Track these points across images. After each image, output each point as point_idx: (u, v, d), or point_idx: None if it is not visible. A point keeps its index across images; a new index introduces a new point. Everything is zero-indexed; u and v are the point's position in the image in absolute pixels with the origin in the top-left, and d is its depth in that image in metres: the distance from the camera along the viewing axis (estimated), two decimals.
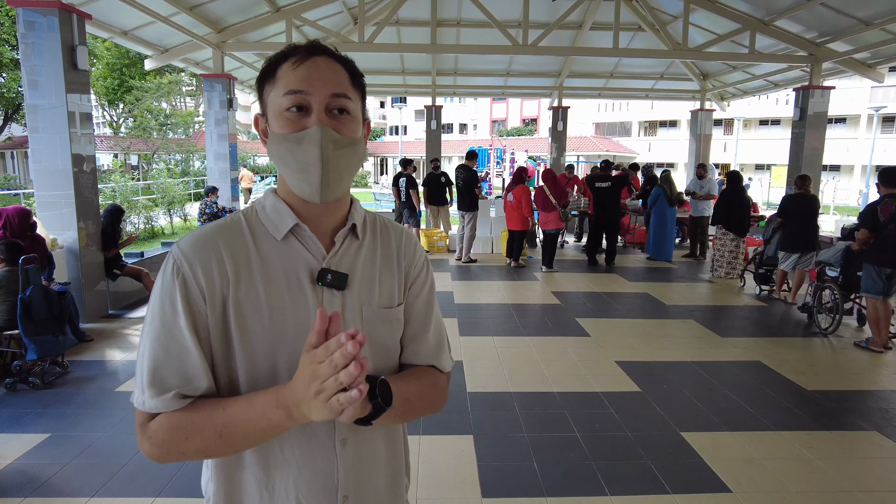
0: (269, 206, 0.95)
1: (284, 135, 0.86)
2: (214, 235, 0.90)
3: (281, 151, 0.88)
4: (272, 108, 0.89)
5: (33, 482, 2.84)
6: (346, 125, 0.89)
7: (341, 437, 0.91)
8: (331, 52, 0.91)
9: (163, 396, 0.83)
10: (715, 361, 4.75)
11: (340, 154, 0.87)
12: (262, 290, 0.88)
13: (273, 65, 0.90)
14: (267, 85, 0.90)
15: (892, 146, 28.85)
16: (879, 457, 3.23)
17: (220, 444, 0.82)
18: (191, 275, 0.86)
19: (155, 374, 0.84)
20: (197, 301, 0.86)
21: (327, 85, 0.87)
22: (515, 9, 9.29)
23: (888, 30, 7.49)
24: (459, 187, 9.35)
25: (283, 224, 0.92)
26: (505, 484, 2.88)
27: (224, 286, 0.87)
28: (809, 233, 6.54)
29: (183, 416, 0.83)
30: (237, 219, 0.94)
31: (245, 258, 0.89)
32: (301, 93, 0.86)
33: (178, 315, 0.85)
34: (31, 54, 5.08)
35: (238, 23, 8.44)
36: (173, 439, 0.83)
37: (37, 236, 4.83)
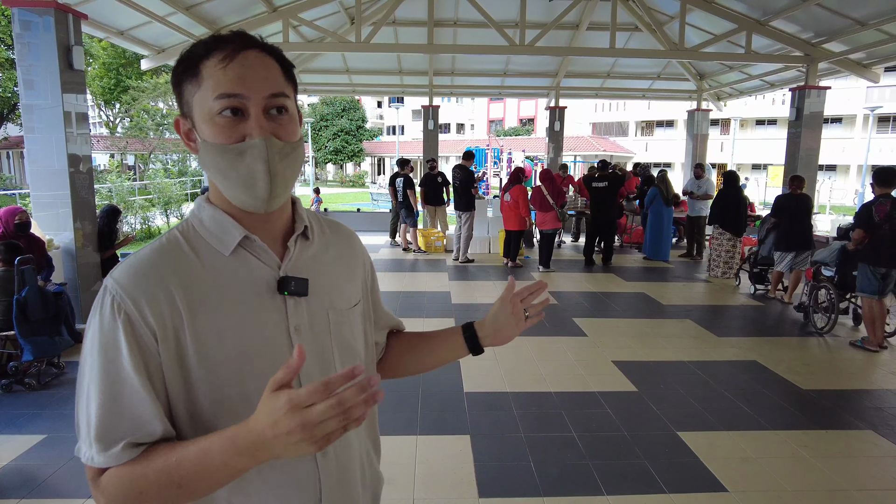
0: (208, 219, 0.86)
1: (222, 146, 0.78)
2: (156, 262, 0.80)
3: (219, 163, 0.79)
4: (200, 111, 0.80)
5: (30, 483, 2.83)
6: (285, 126, 0.82)
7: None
8: (261, 43, 0.82)
9: (111, 451, 0.74)
10: (711, 361, 4.76)
11: (286, 163, 0.81)
12: (221, 314, 0.81)
13: (193, 61, 0.80)
14: (189, 84, 0.80)
15: (888, 146, 28.97)
16: (875, 455, 3.24)
17: (181, 495, 0.74)
18: (136, 313, 0.77)
19: (101, 426, 0.75)
20: (145, 340, 0.77)
21: (264, 85, 0.79)
22: (512, 9, 9.29)
23: (884, 30, 7.52)
24: (456, 187, 9.36)
25: (229, 238, 0.84)
26: (502, 484, 2.88)
27: (176, 319, 0.78)
28: (804, 232, 6.57)
29: (134, 470, 0.74)
30: (174, 239, 0.84)
31: (195, 283, 0.81)
32: (236, 96, 0.78)
33: (121, 357, 0.75)
34: (27, 54, 5.06)
35: (234, 23, 8.42)
36: (128, 495, 0.74)
37: (34, 237, 4.81)
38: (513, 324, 1.09)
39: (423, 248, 10.11)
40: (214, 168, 0.80)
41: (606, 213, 9.18)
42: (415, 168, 13.68)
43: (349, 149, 37.98)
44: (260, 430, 0.67)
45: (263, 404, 0.68)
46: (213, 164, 0.80)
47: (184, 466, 0.73)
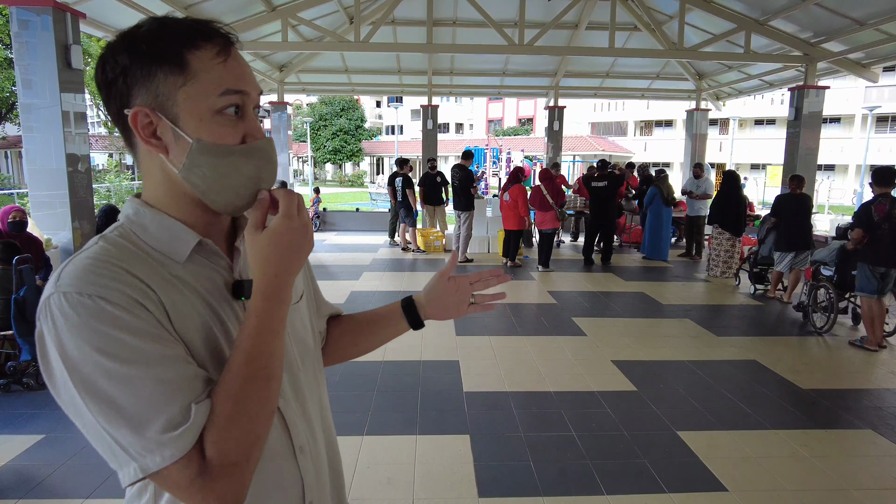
0: (154, 225, 0.77)
1: (228, 147, 0.73)
2: (107, 258, 0.71)
3: (219, 164, 0.73)
4: (191, 107, 0.72)
5: (27, 483, 2.82)
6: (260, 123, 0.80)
7: (298, 445, 0.84)
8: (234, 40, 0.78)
9: (191, 418, 0.66)
10: (711, 360, 4.76)
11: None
12: (199, 311, 0.75)
13: (174, 47, 0.72)
14: (168, 74, 0.72)
15: (887, 146, 29.02)
16: (874, 455, 3.24)
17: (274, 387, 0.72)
18: (119, 296, 0.67)
19: (158, 411, 0.65)
20: (143, 314, 0.68)
21: (256, 83, 0.78)
22: (511, 8, 9.30)
23: (882, 30, 7.52)
24: (455, 187, 9.36)
25: (182, 244, 0.77)
26: (501, 483, 2.88)
27: (156, 298, 0.71)
28: (803, 232, 6.57)
29: (223, 406, 0.68)
30: (118, 243, 0.74)
31: (162, 280, 0.73)
32: (241, 93, 0.74)
33: (138, 336, 0.66)
34: (25, 53, 5.05)
35: (233, 22, 8.41)
36: (242, 434, 0.69)
37: (33, 237, 4.80)
38: (453, 305, 1.10)
39: (422, 247, 10.11)
40: (210, 169, 0.73)
41: (606, 212, 9.18)
42: (414, 168, 13.68)
43: (348, 148, 37.97)
44: (277, 261, 0.73)
45: (259, 244, 0.73)
46: (210, 166, 0.73)
47: (260, 357, 0.71)
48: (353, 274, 8.10)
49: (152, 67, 0.72)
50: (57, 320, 0.65)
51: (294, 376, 0.87)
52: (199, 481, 0.66)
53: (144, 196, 0.80)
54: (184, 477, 0.66)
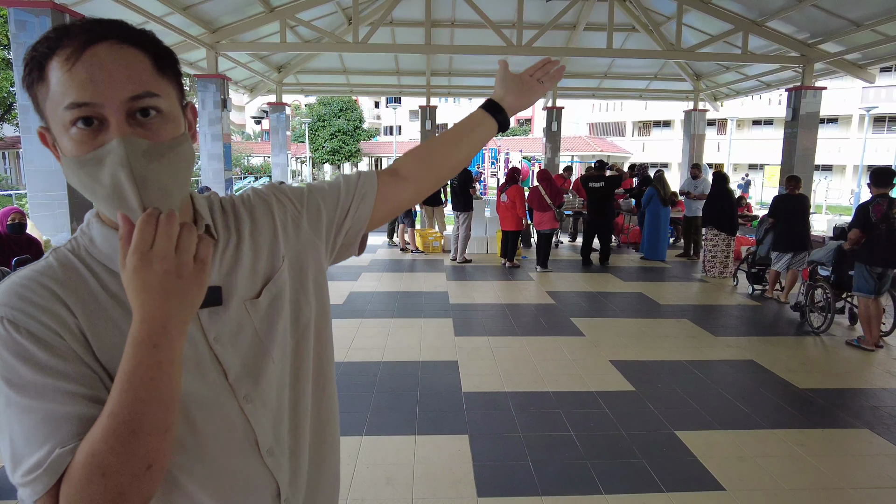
0: (99, 238, 0.75)
1: (78, 158, 0.66)
2: (41, 278, 0.70)
3: (81, 177, 0.67)
4: (53, 121, 0.67)
5: None
6: (158, 129, 0.68)
7: (266, 449, 0.81)
8: (117, 31, 0.67)
9: (48, 462, 0.63)
10: (708, 360, 4.77)
11: (159, 167, 0.67)
12: (121, 329, 0.70)
13: (37, 60, 0.67)
14: (38, 89, 0.67)
15: (884, 146, 29.10)
16: (870, 454, 3.26)
17: (139, 443, 0.63)
18: (34, 324, 0.66)
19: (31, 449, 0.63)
20: (55, 343, 0.67)
21: (121, 87, 0.65)
22: (509, 9, 9.31)
23: (879, 31, 7.56)
24: (454, 187, 9.36)
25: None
26: (500, 483, 2.89)
27: (76, 325, 0.69)
28: (801, 232, 6.59)
29: (79, 460, 0.63)
30: (64, 257, 0.74)
31: (92, 298, 0.71)
32: (87, 105, 0.65)
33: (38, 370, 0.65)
34: (24, 54, 5.06)
35: (232, 23, 8.42)
36: (94, 491, 0.62)
37: (31, 238, 4.79)
38: (527, 89, 1.13)
39: (420, 248, 10.12)
40: (79, 184, 0.68)
41: (603, 213, 9.20)
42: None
43: (346, 149, 37.94)
44: (139, 307, 0.64)
45: (124, 285, 0.65)
46: (77, 181, 0.68)
47: (121, 410, 0.63)
48: (351, 275, 8.11)
49: (32, 85, 0.68)
50: None
51: (263, 376, 0.81)
52: None
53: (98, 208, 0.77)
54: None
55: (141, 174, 0.65)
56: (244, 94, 13.12)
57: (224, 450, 0.77)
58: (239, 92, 12.80)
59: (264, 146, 35.13)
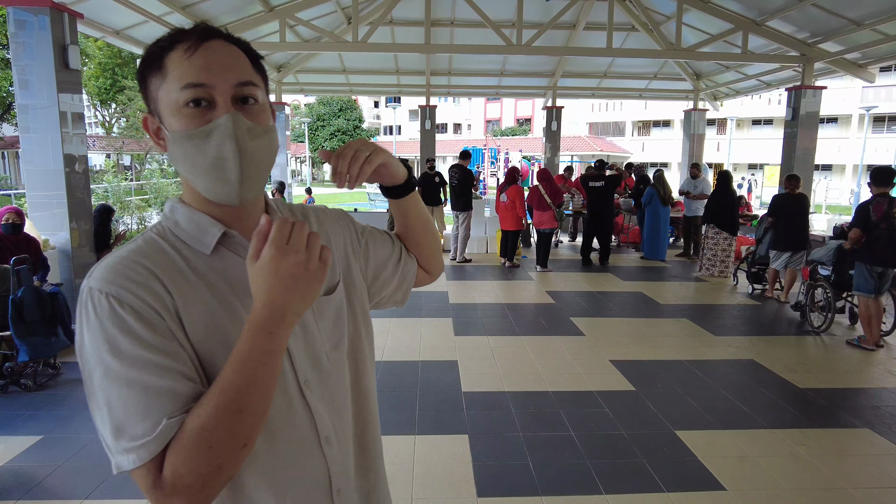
0: (184, 219, 0.83)
1: (188, 131, 0.75)
2: (135, 257, 0.77)
3: (187, 150, 0.76)
4: (166, 104, 0.77)
5: (25, 485, 2.82)
6: (256, 116, 0.79)
7: (325, 436, 0.87)
8: (226, 34, 0.80)
9: (157, 432, 0.68)
10: (708, 360, 4.77)
11: (257, 144, 0.77)
12: (208, 311, 0.78)
13: (156, 54, 0.77)
14: (153, 78, 0.78)
15: (883, 146, 29.09)
16: (871, 454, 3.25)
17: (243, 421, 0.70)
18: (135, 299, 0.73)
19: (138, 416, 0.69)
20: (154, 320, 0.73)
21: (231, 73, 0.77)
22: (509, 9, 9.30)
23: (879, 30, 7.54)
24: (454, 187, 9.35)
25: (208, 236, 0.82)
26: (500, 483, 2.88)
27: (171, 302, 0.76)
28: (800, 231, 6.59)
29: (189, 432, 0.69)
30: (152, 240, 0.81)
31: (181, 277, 0.78)
32: (201, 85, 0.75)
33: (138, 343, 0.71)
34: (22, 54, 5.04)
35: (231, 22, 8.41)
36: (199, 461, 0.68)
37: (30, 238, 4.78)
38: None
39: None
40: (183, 158, 0.77)
41: (603, 212, 9.19)
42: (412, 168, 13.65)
43: None
44: (266, 294, 0.71)
45: (252, 275, 0.72)
46: (182, 154, 0.77)
47: (231, 389, 0.70)
48: None
49: (146, 75, 0.79)
50: (82, 314, 0.73)
51: (322, 370, 0.88)
52: (153, 492, 0.69)
53: (182, 195, 0.87)
54: (144, 483, 0.70)
55: (244, 147, 0.75)
56: None
57: (286, 434, 0.82)
58: None
59: None
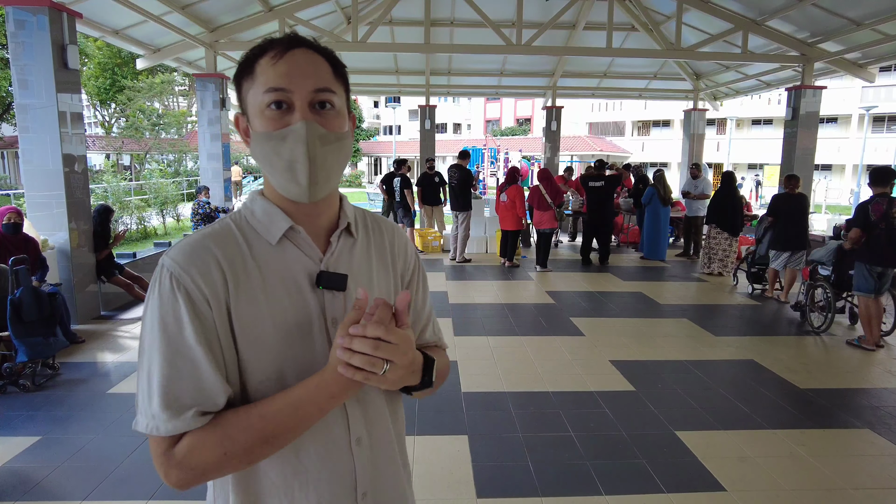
0: (259, 209, 0.91)
1: (267, 133, 0.84)
2: (207, 242, 0.86)
3: (265, 150, 0.85)
4: (252, 106, 0.86)
5: (24, 485, 2.81)
6: (331, 120, 0.86)
7: (356, 437, 0.91)
8: (310, 43, 0.87)
9: (182, 416, 0.77)
10: (708, 360, 4.76)
11: (328, 150, 0.85)
12: (261, 297, 0.85)
13: (250, 60, 0.86)
14: (245, 82, 0.87)
15: (883, 146, 29.08)
16: (871, 454, 3.25)
17: (264, 450, 0.80)
18: (192, 284, 0.81)
19: (168, 395, 0.78)
20: (203, 311, 0.81)
21: (309, 79, 0.84)
22: (509, 9, 9.30)
23: (879, 30, 7.54)
24: (453, 187, 9.33)
25: (276, 228, 0.89)
26: (500, 484, 2.87)
27: (226, 292, 0.83)
28: (799, 231, 6.59)
29: (215, 432, 0.78)
30: (226, 225, 0.90)
31: (241, 264, 0.86)
32: (282, 90, 0.83)
33: (184, 329, 0.79)
34: (21, 53, 5.04)
35: (231, 22, 8.40)
36: (210, 458, 0.77)
37: (29, 238, 4.78)
38: None
39: (420, 247, 10.10)
40: (262, 156, 0.86)
41: (603, 212, 9.19)
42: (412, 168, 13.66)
43: None
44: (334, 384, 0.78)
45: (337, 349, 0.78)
46: (261, 153, 0.86)
47: (271, 421, 0.78)
48: None
49: (240, 79, 0.88)
50: (153, 284, 0.82)
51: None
52: (161, 458, 0.78)
53: (263, 188, 0.95)
54: (155, 449, 0.79)
55: (314, 153, 0.83)
56: None
57: (317, 431, 0.87)
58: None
59: None
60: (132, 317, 5.91)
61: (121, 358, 4.68)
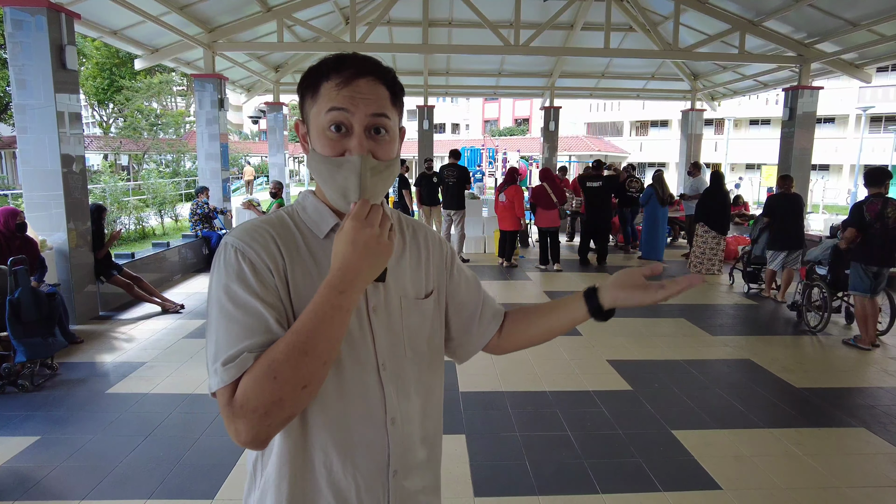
0: (310, 207, 1.01)
1: (325, 157, 0.91)
2: (265, 226, 0.95)
3: (321, 170, 0.93)
4: (314, 124, 0.93)
5: (23, 485, 2.82)
6: (384, 146, 0.93)
7: (391, 417, 0.98)
8: (376, 71, 0.93)
9: (237, 360, 0.82)
10: (705, 360, 4.78)
11: (377, 180, 0.92)
12: (313, 279, 0.92)
13: (316, 77, 0.93)
14: (308, 97, 0.94)
15: (880, 146, 29.17)
16: (867, 453, 3.27)
17: (308, 363, 0.81)
18: (255, 256, 0.89)
19: (229, 348, 0.83)
20: (266, 277, 0.89)
21: (369, 106, 0.90)
22: (507, 9, 9.32)
23: (875, 31, 7.58)
24: (451, 185, 9.25)
25: (324, 224, 0.98)
26: (497, 483, 2.89)
27: (283, 265, 0.92)
28: (796, 231, 6.62)
29: (262, 362, 0.81)
30: (282, 216, 0.99)
31: (296, 249, 0.95)
32: (342, 110, 0.90)
33: (249, 289, 0.86)
34: (19, 54, 5.04)
35: (229, 22, 8.41)
36: (264, 390, 0.80)
37: (28, 238, 4.78)
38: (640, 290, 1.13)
39: None
40: (317, 173, 0.94)
41: (601, 212, 9.20)
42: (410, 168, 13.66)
43: None
44: (342, 258, 0.85)
45: (335, 242, 0.86)
46: (317, 171, 0.94)
47: (302, 332, 0.82)
48: None
49: (304, 93, 0.95)
50: (216, 260, 0.91)
51: (399, 358, 1.00)
52: (226, 410, 0.82)
53: (315, 188, 1.03)
54: (221, 401, 0.83)
55: (365, 184, 0.90)
56: (241, 94, 13.10)
57: (358, 405, 0.94)
58: (236, 91, 12.78)
59: (262, 146, 35.02)
60: (131, 317, 5.91)
61: (119, 358, 4.69)
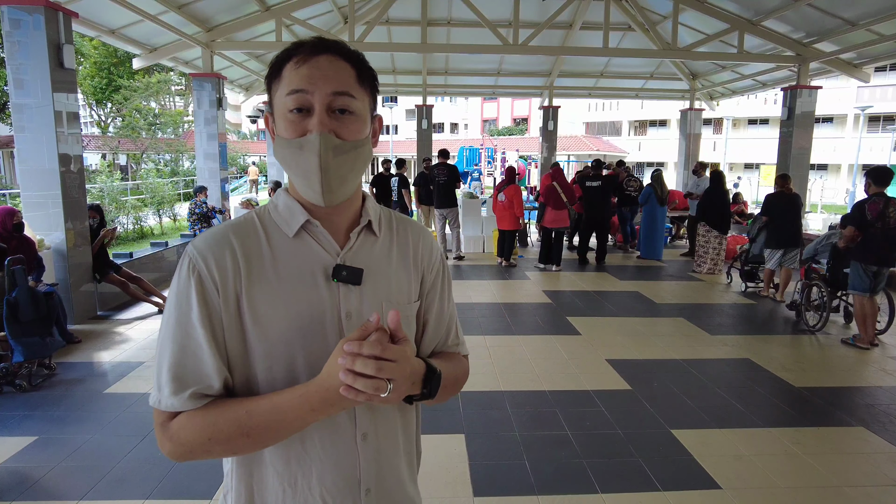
0: (282, 204, 0.95)
1: (287, 140, 0.87)
2: (227, 232, 0.91)
3: (285, 156, 0.88)
4: (277, 108, 0.89)
5: (21, 485, 2.81)
6: (348, 126, 0.87)
7: (362, 432, 0.92)
8: (337, 48, 0.89)
9: (180, 395, 0.83)
10: (704, 359, 4.78)
11: (342, 160, 0.86)
12: (276, 287, 0.88)
13: (279, 63, 0.89)
14: (274, 84, 0.90)
15: (879, 145, 29.20)
16: (866, 452, 3.27)
17: (246, 444, 0.83)
18: (205, 270, 0.86)
19: (172, 373, 0.83)
20: (212, 296, 0.86)
21: (329, 83, 0.85)
22: (506, 8, 9.31)
23: (874, 30, 7.58)
24: (442, 184, 9.20)
25: (294, 221, 0.92)
26: (496, 482, 2.88)
27: (237, 282, 0.87)
28: (793, 229, 6.63)
29: (205, 417, 0.83)
30: (250, 218, 0.95)
31: (258, 255, 0.90)
32: (302, 92, 0.85)
33: (192, 311, 0.85)
34: (17, 53, 5.02)
35: (227, 22, 8.39)
36: (196, 439, 0.82)
37: (25, 238, 4.77)
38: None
39: None
40: (282, 159, 0.89)
41: (599, 212, 9.20)
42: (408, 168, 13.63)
43: None
44: (328, 384, 0.79)
45: (330, 360, 0.79)
46: (281, 157, 0.89)
47: (255, 419, 0.81)
48: None
49: (270, 81, 0.91)
50: (179, 263, 0.88)
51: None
52: (159, 429, 0.85)
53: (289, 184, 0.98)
54: (157, 419, 0.86)
55: (326, 164, 0.85)
56: (240, 94, 13.07)
57: (325, 420, 0.87)
58: (235, 91, 12.75)
59: (260, 145, 35.02)
60: (129, 317, 5.89)
61: (117, 358, 4.68)
